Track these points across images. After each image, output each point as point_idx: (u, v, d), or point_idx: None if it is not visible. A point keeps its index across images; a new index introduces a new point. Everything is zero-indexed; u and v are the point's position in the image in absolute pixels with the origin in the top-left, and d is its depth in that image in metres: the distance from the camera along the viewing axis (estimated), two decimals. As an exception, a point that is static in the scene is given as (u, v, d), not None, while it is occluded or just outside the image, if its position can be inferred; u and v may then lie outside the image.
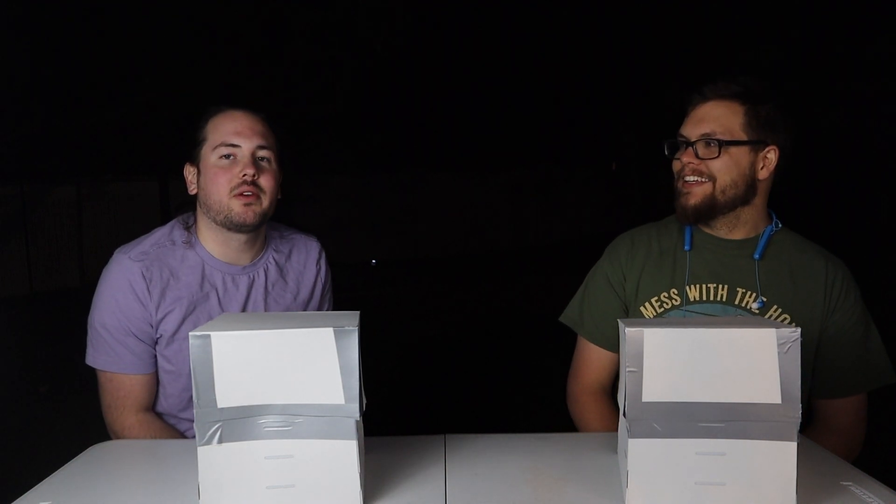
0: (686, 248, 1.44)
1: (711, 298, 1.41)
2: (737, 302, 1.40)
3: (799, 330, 0.82)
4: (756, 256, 1.40)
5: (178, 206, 1.53)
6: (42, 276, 8.72)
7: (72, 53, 8.55)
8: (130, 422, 1.41)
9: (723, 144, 1.35)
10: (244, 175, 1.38)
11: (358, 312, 0.92)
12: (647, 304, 1.46)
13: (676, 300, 1.43)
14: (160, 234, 1.48)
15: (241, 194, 1.39)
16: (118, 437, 1.41)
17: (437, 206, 11.79)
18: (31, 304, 8.04)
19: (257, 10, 9.31)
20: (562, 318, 1.59)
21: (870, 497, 0.89)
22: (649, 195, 11.51)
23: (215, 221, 1.42)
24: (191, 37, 8.77)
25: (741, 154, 1.37)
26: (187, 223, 1.49)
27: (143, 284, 1.39)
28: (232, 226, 1.41)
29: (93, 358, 1.43)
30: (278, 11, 9.49)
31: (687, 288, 1.42)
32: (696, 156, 1.37)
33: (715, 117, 1.37)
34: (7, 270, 8.42)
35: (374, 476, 0.96)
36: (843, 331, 1.39)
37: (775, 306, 1.39)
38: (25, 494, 0.93)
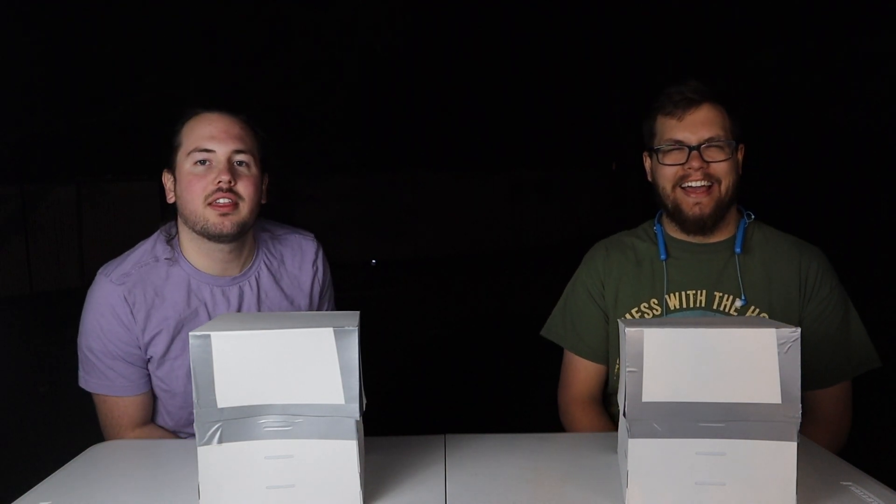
0: (662, 257, 1.44)
1: (691, 305, 1.41)
2: (715, 306, 1.40)
3: (799, 330, 0.82)
4: (738, 250, 1.40)
5: (163, 216, 1.45)
6: (42, 276, 8.72)
7: (72, 53, 8.55)
8: (129, 438, 1.38)
9: (734, 147, 1.37)
10: (219, 182, 1.30)
11: (358, 312, 0.92)
12: (627, 316, 1.45)
13: (657, 310, 1.43)
14: (142, 250, 1.40)
15: (216, 203, 1.30)
16: None
17: (437, 206, 11.79)
18: (31, 304, 8.04)
19: (257, 11, 9.31)
20: (544, 333, 1.57)
21: (870, 497, 0.88)
22: (649, 195, 11.48)
23: (194, 231, 1.34)
24: (191, 37, 8.77)
25: (736, 155, 1.40)
26: (170, 234, 1.41)
27: (126, 308, 1.33)
28: (210, 236, 1.33)
29: (84, 381, 1.38)
30: (278, 11, 9.49)
31: (666, 297, 1.42)
32: (703, 160, 1.37)
33: (714, 120, 1.37)
34: (7, 270, 8.42)
35: (374, 476, 0.96)
36: (820, 319, 1.39)
37: (752, 306, 1.39)
38: (25, 494, 0.93)
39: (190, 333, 0.82)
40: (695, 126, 1.38)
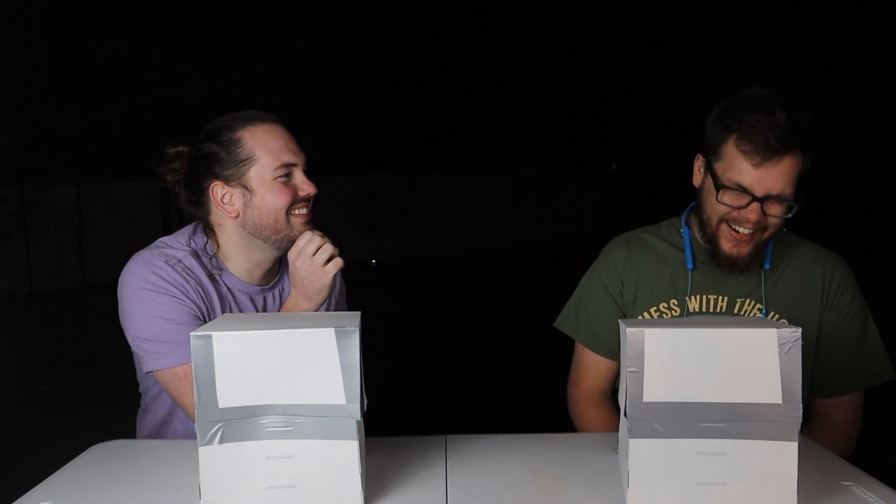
0: (689, 266, 1.40)
1: (711, 309, 1.40)
2: (736, 311, 1.39)
3: (800, 330, 0.82)
4: (767, 266, 1.37)
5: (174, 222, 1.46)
6: (42, 276, 8.71)
7: (72, 53, 8.56)
8: None
9: (794, 206, 1.27)
10: (308, 193, 1.37)
11: (359, 313, 0.92)
12: (645, 314, 1.44)
13: (676, 311, 1.42)
14: (180, 248, 1.35)
15: (298, 213, 1.37)
16: None
17: (437, 206, 11.80)
18: (31, 304, 8.04)
19: (257, 10, 9.32)
20: (557, 325, 1.56)
21: (871, 497, 0.88)
22: (649, 195, 11.49)
23: (266, 241, 1.36)
24: (191, 37, 8.77)
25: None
26: (207, 250, 1.38)
27: (180, 277, 1.30)
28: (290, 244, 1.35)
29: (163, 360, 1.27)
30: (278, 11, 9.50)
31: (687, 299, 1.41)
32: (762, 212, 1.27)
33: (788, 174, 1.26)
34: (7, 270, 8.42)
35: (375, 477, 0.96)
36: (839, 328, 1.39)
37: (773, 312, 1.38)
38: (26, 494, 0.93)
39: (192, 334, 0.82)
40: (767, 179, 1.25)
